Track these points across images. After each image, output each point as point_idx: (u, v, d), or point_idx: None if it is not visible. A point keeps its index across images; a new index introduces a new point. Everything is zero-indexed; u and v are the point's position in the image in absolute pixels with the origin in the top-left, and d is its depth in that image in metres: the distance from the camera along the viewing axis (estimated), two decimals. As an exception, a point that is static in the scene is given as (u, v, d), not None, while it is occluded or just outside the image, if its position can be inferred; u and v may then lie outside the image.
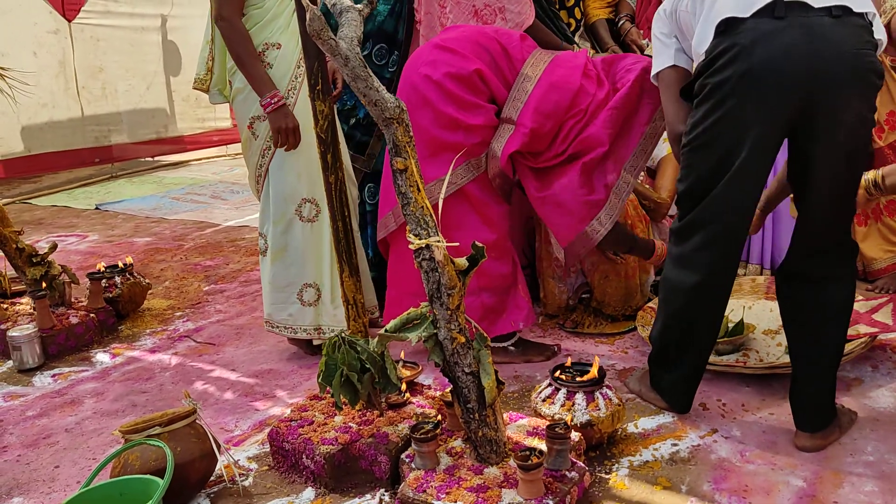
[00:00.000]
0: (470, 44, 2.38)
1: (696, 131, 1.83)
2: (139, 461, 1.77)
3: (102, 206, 5.88)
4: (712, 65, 1.76)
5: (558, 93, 2.33)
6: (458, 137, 2.34)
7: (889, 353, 2.35)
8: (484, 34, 2.43)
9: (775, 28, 1.67)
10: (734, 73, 1.72)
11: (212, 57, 2.58)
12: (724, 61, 1.73)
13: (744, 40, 1.70)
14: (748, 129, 1.74)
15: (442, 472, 1.70)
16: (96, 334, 3.01)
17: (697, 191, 1.87)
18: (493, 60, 2.38)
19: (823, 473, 1.78)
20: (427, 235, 1.62)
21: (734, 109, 1.74)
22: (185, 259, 4.22)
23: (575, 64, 2.39)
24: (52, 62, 6.84)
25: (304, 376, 2.56)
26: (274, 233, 2.59)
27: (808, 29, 1.65)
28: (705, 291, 1.93)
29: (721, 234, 1.87)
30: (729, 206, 1.84)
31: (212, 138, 8.17)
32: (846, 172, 1.79)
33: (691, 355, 2.01)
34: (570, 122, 2.34)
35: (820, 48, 1.65)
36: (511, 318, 2.49)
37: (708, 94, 1.78)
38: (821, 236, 1.85)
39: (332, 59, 1.61)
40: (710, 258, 1.90)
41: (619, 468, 1.87)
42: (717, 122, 1.78)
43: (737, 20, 1.71)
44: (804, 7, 1.66)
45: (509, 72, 2.39)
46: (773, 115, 1.72)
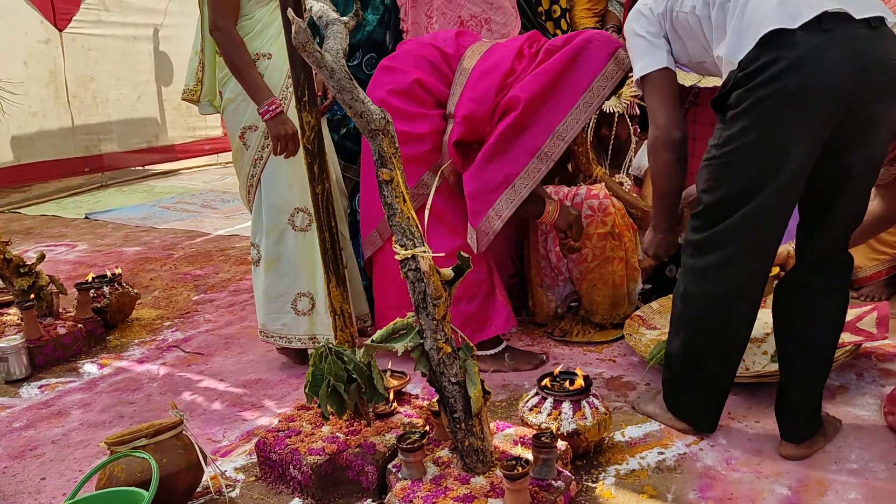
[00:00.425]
0: (409, 57, 2.48)
1: (734, 145, 1.73)
2: (125, 473, 1.77)
3: (92, 215, 5.87)
4: (755, 77, 1.67)
5: (488, 77, 2.36)
6: (411, 150, 2.39)
7: (874, 362, 2.37)
8: (421, 44, 2.53)
9: (823, 42, 1.61)
10: (783, 89, 1.64)
11: (201, 68, 2.59)
12: (771, 75, 1.64)
13: (792, 54, 1.62)
14: (792, 146, 1.68)
15: (429, 482, 1.70)
16: (84, 345, 3.00)
17: (728, 205, 1.78)
18: (433, 66, 2.46)
19: (808, 481, 1.79)
20: (413, 246, 1.63)
21: (780, 125, 1.67)
22: (175, 268, 4.21)
23: (510, 47, 2.42)
24: (42, 71, 6.84)
25: (293, 386, 2.56)
26: (267, 243, 2.59)
27: (852, 42, 1.62)
28: (734, 305, 1.87)
29: (752, 250, 1.81)
30: (764, 222, 1.77)
31: (203, 147, 8.18)
32: (870, 184, 1.80)
33: (717, 372, 1.95)
34: (497, 99, 2.35)
35: (864, 62, 1.62)
36: (491, 323, 2.50)
37: (749, 107, 1.69)
38: (831, 251, 1.84)
39: (318, 71, 1.62)
40: (739, 273, 1.83)
41: (606, 477, 1.87)
42: (760, 137, 1.69)
43: (784, 32, 1.63)
44: (847, 18, 1.63)
45: (450, 72, 2.46)
46: (819, 131, 1.67)
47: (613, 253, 2.71)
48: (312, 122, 2.02)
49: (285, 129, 2.40)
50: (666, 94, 1.96)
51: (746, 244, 1.80)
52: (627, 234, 2.76)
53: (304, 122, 2.02)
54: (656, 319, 2.71)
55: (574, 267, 2.75)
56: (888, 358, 2.37)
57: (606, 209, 2.69)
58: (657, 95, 1.97)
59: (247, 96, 2.44)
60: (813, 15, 1.62)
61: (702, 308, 1.90)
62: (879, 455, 1.87)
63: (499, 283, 2.56)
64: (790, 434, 1.90)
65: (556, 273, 2.81)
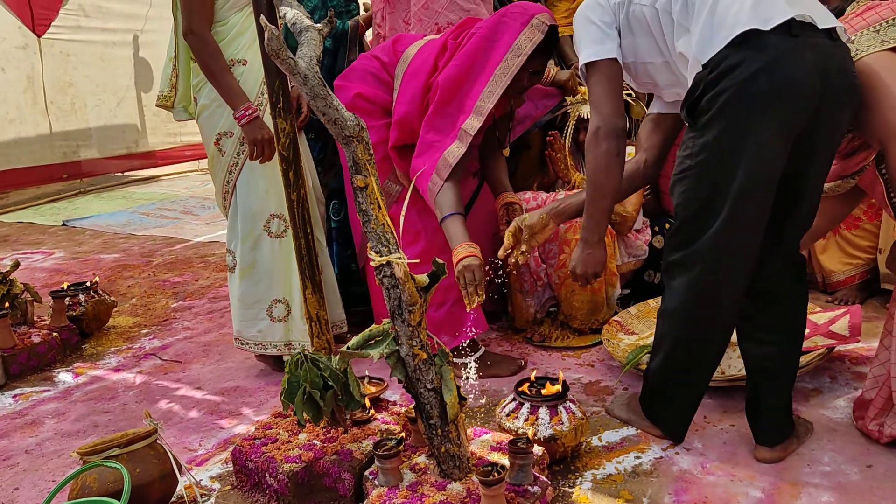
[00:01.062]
0: (355, 73, 2.56)
1: (708, 152, 1.73)
2: (97, 483, 1.75)
3: (70, 222, 5.81)
4: (725, 77, 1.66)
5: (415, 79, 2.44)
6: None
7: (847, 365, 2.39)
8: (366, 57, 2.62)
9: (794, 46, 1.64)
10: (755, 89, 1.64)
11: (175, 74, 2.57)
12: (743, 76, 1.64)
13: (765, 56, 1.63)
14: (766, 148, 1.68)
15: (405, 489, 1.70)
16: (59, 353, 2.96)
17: (708, 215, 1.76)
18: (375, 77, 2.54)
19: (781, 484, 1.80)
20: (388, 252, 1.63)
21: (754, 127, 1.67)
22: (154, 276, 4.18)
23: (434, 46, 2.47)
24: (20, 77, 6.77)
25: (271, 393, 2.55)
26: (242, 249, 2.57)
27: (818, 49, 1.65)
28: (715, 321, 1.88)
29: (732, 261, 1.79)
30: (744, 229, 1.76)
31: (184, 153, 8.13)
32: (821, 189, 1.83)
33: (692, 386, 1.97)
34: (426, 96, 2.42)
35: (830, 68, 1.65)
36: (463, 328, 2.50)
37: (721, 110, 1.68)
38: (787, 256, 1.86)
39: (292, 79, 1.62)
40: (720, 288, 1.82)
41: (583, 482, 1.88)
42: (735, 140, 1.69)
43: (758, 34, 1.64)
44: (812, 28, 1.66)
45: (391, 79, 2.54)
46: (789, 133, 1.68)
47: (591, 258, 2.72)
48: (287, 128, 2.01)
49: (262, 133, 2.39)
50: (612, 84, 1.93)
51: (726, 256, 1.79)
52: (606, 239, 2.77)
53: (280, 128, 2.02)
54: (634, 325, 2.73)
55: (553, 272, 2.76)
56: (861, 361, 2.40)
57: (584, 215, 2.70)
58: (602, 84, 1.93)
59: (222, 102, 2.43)
60: (783, 19, 1.64)
61: (683, 324, 1.90)
62: (852, 457, 1.89)
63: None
64: (764, 438, 1.91)
65: (535, 278, 2.81)
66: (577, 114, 2.95)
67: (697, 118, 1.74)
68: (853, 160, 1.93)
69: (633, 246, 2.93)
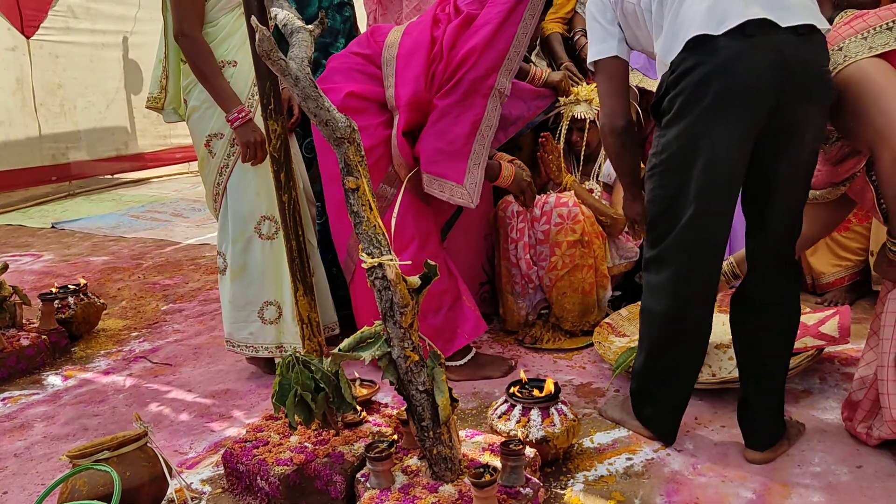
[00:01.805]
0: (337, 73, 2.49)
1: (670, 151, 1.78)
2: (87, 486, 1.74)
3: (59, 224, 5.78)
4: (682, 80, 1.72)
5: (415, 56, 2.41)
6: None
7: (837, 366, 2.40)
8: (344, 56, 2.55)
9: (746, 47, 1.66)
10: (708, 92, 1.68)
11: (165, 75, 2.56)
12: (697, 79, 1.69)
13: (717, 59, 1.67)
14: (723, 147, 1.71)
15: (397, 491, 1.69)
16: (48, 356, 2.94)
17: (675, 213, 1.81)
18: (361, 73, 2.47)
19: (772, 485, 1.81)
20: (380, 254, 1.62)
21: (710, 128, 1.70)
22: (144, 278, 4.16)
23: (424, 22, 2.48)
24: (8, 79, 6.73)
25: (262, 396, 2.54)
26: (233, 251, 2.57)
27: (776, 47, 1.67)
28: (690, 318, 1.90)
29: (700, 259, 1.84)
30: (708, 227, 1.80)
31: (174, 155, 8.09)
32: (802, 189, 1.83)
33: (676, 385, 1.98)
34: (431, 69, 2.41)
35: (787, 66, 1.67)
36: (462, 331, 2.50)
37: (680, 111, 1.74)
38: (776, 258, 1.87)
39: (283, 80, 1.62)
40: (691, 284, 1.86)
41: (575, 483, 1.88)
42: (693, 140, 1.73)
43: (708, 38, 1.68)
44: (772, 26, 1.67)
45: (379, 70, 2.47)
46: (746, 133, 1.71)
47: (583, 260, 2.73)
48: (279, 129, 2.01)
49: (254, 136, 2.39)
50: (613, 82, 2.00)
51: (695, 253, 1.83)
52: (597, 241, 2.78)
53: (271, 130, 2.01)
54: (625, 327, 2.73)
55: (544, 275, 2.77)
56: (850, 362, 2.41)
57: (576, 217, 2.71)
58: (605, 83, 2.02)
59: (212, 103, 2.42)
60: (737, 23, 1.67)
61: (660, 323, 1.93)
62: (842, 458, 1.90)
63: (464, 289, 2.57)
64: (754, 441, 1.92)
65: (526, 281, 2.82)
66: (570, 114, 2.95)
67: (661, 118, 1.81)
68: (843, 167, 1.94)
69: (624, 248, 2.94)
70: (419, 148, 2.42)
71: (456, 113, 2.37)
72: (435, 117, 2.38)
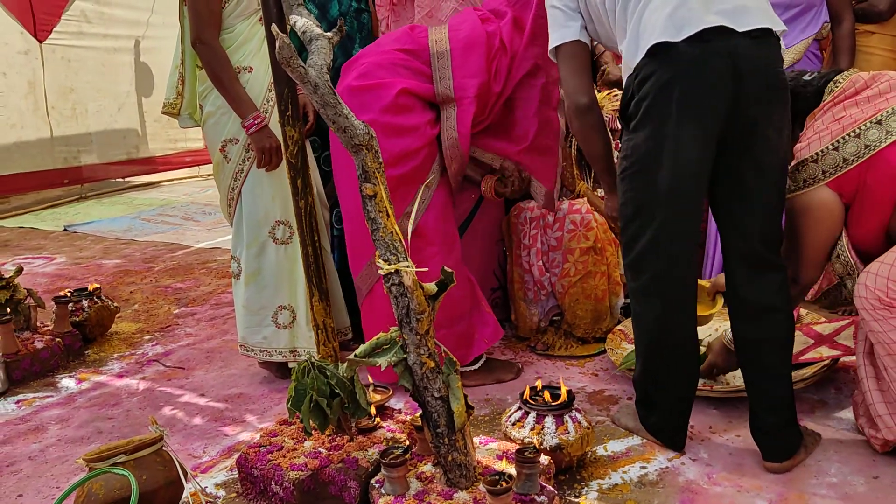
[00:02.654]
0: (381, 69, 2.39)
1: (637, 155, 1.84)
2: (103, 490, 1.74)
3: (71, 227, 5.81)
4: (644, 85, 1.79)
5: (474, 51, 2.41)
6: (406, 167, 2.36)
7: (852, 376, 2.39)
8: (384, 53, 2.45)
9: (703, 53, 1.73)
10: (669, 97, 1.75)
11: (181, 81, 2.58)
12: (658, 84, 1.76)
13: (678, 65, 1.75)
14: (686, 150, 1.77)
15: (411, 498, 1.69)
16: (62, 359, 2.96)
17: (644, 217, 1.86)
18: (407, 68, 2.41)
19: (788, 495, 1.80)
20: (396, 261, 1.63)
21: (673, 131, 1.77)
22: (156, 281, 4.18)
23: (470, 18, 2.49)
24: (21, 82, 6.78)
25: (275, 400, 2.54)
26: (247, 256, 2.58)
27: (732, 51, 1.74)
28: (673, 319, 1.92)
29: (673, 261, 1.87)
30: (678, 230, 1.85)
31: (184, 159, 8.13)
32: (773, 187, 1.85)
33: (674, 390, 1.99)
34: (495, 63, 2.43)
35: (743, 69, 1.74)
36: (480, 337, 2.51)
37: (644, 116, 1.80)
38: (755, 262, 1.86)
39: (302, 87, 1.63)
40: (669, 286, 1.89)
41: (589, 491, 1.87)
42: (658, 144, 1.79)
43: (668, 45, 1.75)
44: (729, 31, 1.74)
45: (426, 66, 2.43)
46: (708, 135, 1.77)
47: (596, 267, 2.73)
48: (296, 136, 2.02)
49: (269, 142, 2.40)
50: (575, 64, 2.05)
51: (669, 255, 1.87)
52: (609, 248, 2.78)
53: (288, 136, 2.02)
54: (638, 333, 2.73)
55: (557, 281, 2.77)
56: (866, 371, 2.40)
57: (588, 224, 2.71)
58: (567, 65, 2.06)
59: (228, 109, 2.44)
60: (696, 30, 1.73)
61: (648, 327, 1.96)
62: (858, 468, 1.89)
63: (481, 296, 2.58)
64: (771, 454, 1.90)
65: (538, 287, 2.82)
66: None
67: (628, 122, 1.87)
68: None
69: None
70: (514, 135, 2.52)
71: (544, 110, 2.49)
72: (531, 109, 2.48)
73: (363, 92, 2.35)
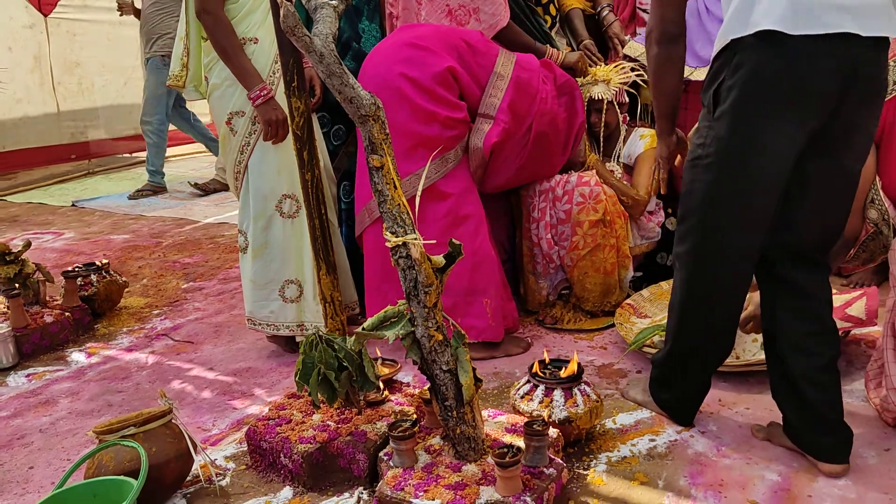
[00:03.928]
0: (441, 42, 2.48)
1: (719, 146, 1.70)
2: (113, 462, 1.75)
3: (79, 202, 5.81)
4: (744, 72, 1.62)
5: (527, 96, 2.54)
6: (434, 131, 2.42)
7: (864, 348, 2.38)
8: (452, 32, 2.55)
9: (821, 50, 1.57)
10: (776, 92, 1.60)
11: (186, 53, 2.55)
12: (765, 76, 1.60)
13: (789, 59, 1.58)
14: (781, 147, 1.65)
15: (420, 470, 1.70)
16: (71, 333, 2.97)
17: (717, 211, 1.75)
18: (462, 58, 2.49)
19: (798, 467, 1.79)
20: (404, 233, 1.61)
21: (771, 127, 1.63)
22: (164, 256, 4.18)
23: (534, 68, 2.60)
24: (27, 57, 6.75)
25: (283, 374, 2.55)
26: (254, 230, 2.57)
27: (851, 56, 1.59)
28: (705, 318, 1.87)
29: (727, 258, 1.79)
30: (749, 227, 1.74)
31: (191, 134, 8.08)
32: (847, 192, 1.77)
33: (698, 376, 1.96)
34: (531, 115, 2.56)
35: (857, 75, 1.60)
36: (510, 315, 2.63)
37: (736, 107, 1.65)
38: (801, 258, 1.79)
39: (307, 58, 1.60)
40: (713, 284, 1.83)
41: (597, 464, 1.87)
42: (747, 138, 1.66)
43: (784, 35, 1.57)
44: (853, 35, 1.57)
45: (478, 69, 2.51)
46: (803, 134, 1.65)
47: (605, 240, 2.71)
48: (302, 107, 2.00)
49: (276, 114, 2.38)
50: None
51: (722, 254, 1.79)
52: (619, 221, 2.76)
53: (294, 107, 2.00)
54: (647, 308, 2.72)
55: (565, 254, 2.75)
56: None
57: (598, 196, 2.68)
58: None
59: (233, 81, 2.41)
60: (816, 32, 1.56)
61: (681, 320, 1.91)
62: (869, 441, 1.88)
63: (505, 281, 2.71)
64: (832, 453, 1.78)
65: (547, 260, 2.80)
66: (589, 95, 2.92)
67: (713, 105, 1.71)
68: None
69: (646, 228, 2.91)
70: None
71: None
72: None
73: (416, 49, 2.45)
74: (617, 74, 2.93)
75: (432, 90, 2.41)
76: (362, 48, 2.82)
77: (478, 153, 2.52)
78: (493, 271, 2.54)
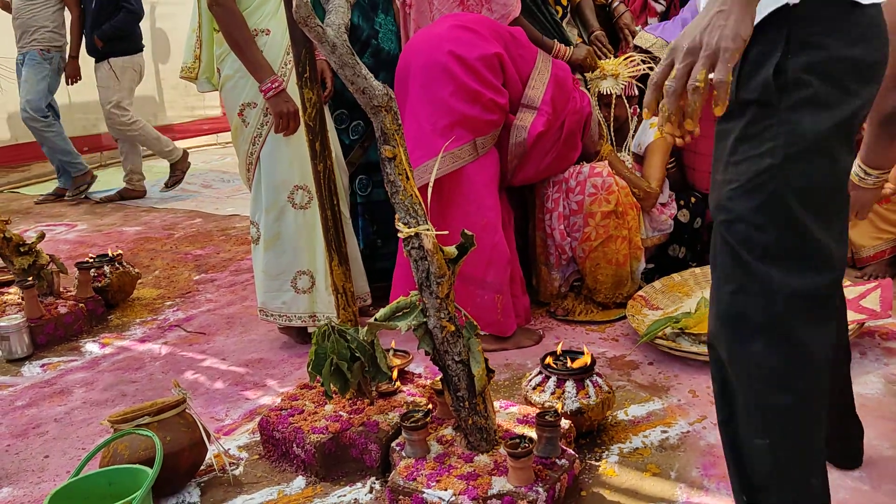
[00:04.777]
0: (490, 29, 2.56)
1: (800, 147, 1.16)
2: (128, 451, 1.77)
3: (91, 195, 5.83)
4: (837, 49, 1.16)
5: (564, 93, 2.63)
6: (475, 111, 2.47)
7: (877, 340, 2.36)
8: (498, 23, 2.64)
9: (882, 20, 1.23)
10: (865, 66, 1.20)
11: (199, 45, 2.55)
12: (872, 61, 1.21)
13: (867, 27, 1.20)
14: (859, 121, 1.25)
15: (432, 460, 1.70)
16: (85, 324, 2.99)
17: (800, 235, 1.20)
18: (508, 48, 2.56)
19: (811, 459, 1.78)
20: (416, 224, 1.61)
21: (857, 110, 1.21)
22: (175, 248, 4.20)
23: (567, 69, 2.71)
24: (39, 49, 6.74)
25: (295, 365, 2.56)
26: (266, 221, 2.57)
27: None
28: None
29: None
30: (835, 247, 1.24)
31: (202, 127, 8.11)
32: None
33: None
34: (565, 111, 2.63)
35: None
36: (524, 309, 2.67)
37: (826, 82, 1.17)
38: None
39: (319, 48, 1.60)
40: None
41: (609, 455, 1.87)
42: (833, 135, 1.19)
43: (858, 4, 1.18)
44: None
45: (521, 62, 2.59)
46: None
47: (617, 231, 2.70)
48: (314, 98, 1.99)
49: (287, 106, 2.38)
50: None
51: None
52: (631, 212, 2.75)
53: (306, 98, 1.99)
54: (659, 300, 2.71)
55: (577, 245, 2.74)
56: (891, 336, 2.37)
57: (610, 187, 2.67)
58: None
59: (245, 73, 2.41)
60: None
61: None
62: (883, 433, 1.87)
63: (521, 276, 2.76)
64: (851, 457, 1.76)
65: (559, 252, 2.79)
66: (598, 89, 2.91)
67: (782, 93, 1.17)
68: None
69: (658, 220, 2.90)
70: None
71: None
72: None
73: (466, 31, 2.52)
74: (626, 68, 2.92)
75: (479, 71, 2.46)
76: (380, 44, 2.83)
77: (521, 142, 2.58)
78: (507, 269, 2.54)
